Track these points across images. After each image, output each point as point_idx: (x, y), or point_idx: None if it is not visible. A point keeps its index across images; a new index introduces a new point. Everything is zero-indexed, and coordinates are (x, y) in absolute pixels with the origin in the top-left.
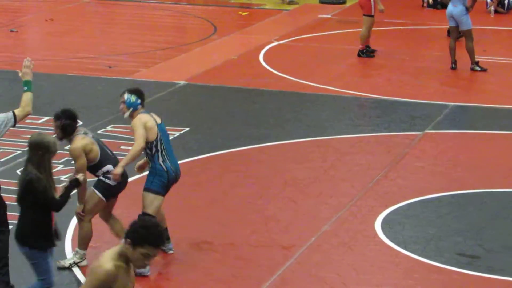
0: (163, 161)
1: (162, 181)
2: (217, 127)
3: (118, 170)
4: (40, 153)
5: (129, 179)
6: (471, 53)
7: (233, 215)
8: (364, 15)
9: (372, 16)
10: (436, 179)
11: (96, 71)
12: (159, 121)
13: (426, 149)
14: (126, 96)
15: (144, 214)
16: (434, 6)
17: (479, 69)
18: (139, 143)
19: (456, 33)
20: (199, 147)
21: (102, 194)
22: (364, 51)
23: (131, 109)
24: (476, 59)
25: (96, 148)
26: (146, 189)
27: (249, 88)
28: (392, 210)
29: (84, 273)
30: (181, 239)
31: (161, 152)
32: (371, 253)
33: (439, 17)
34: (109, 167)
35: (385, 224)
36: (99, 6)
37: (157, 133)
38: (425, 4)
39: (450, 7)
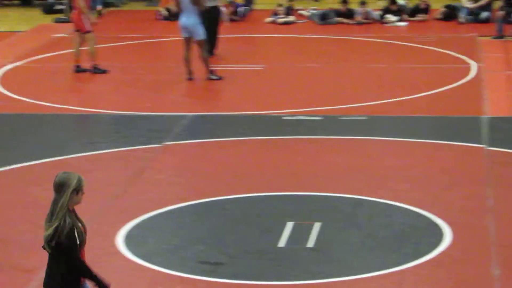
0: None
1: None
2: None
3: None
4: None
5: None
6: (206, 62)
7: None
8: (82, 33)
9: (88, 32)
10: (177, 190)
11: None
12: None
13: (166, 161)
14: None
15: None
16: (168, 18)
17: (215, 77)
18: None
19: (190, 44)
20: None
21: None
22: (96, 66)
23: None
24: (211, 68)
25: None
26: None
27: None
28: (135, 225)
29: None
30: None
31: None
32: (115, 269)
33: (174, 29)
34: None
35: (127, 239)
36: None
37: None
38: (158, 17)
39: (183, 18)
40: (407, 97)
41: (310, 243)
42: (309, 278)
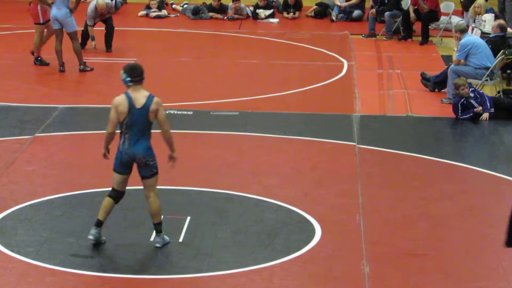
0: (122, 142)
1: (117, 160)
2: None
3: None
4: None
5: None
6: (78, 54)
7: None
8: (34, 23)
9: (42, 24)
10: (47, 182)
11: None
12: (140, 104)
13: (36, 153)
14: (121, 72)
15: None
16: None
17: (88, 69)
18: (107, 129)
19: (61, 36)
20: None
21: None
22: (39, 58)
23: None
24: (84, 60)
25: None
26: None
27: None
28: (4, 216)
29: None
30: None
31: (123, 134)
32: None
33: None
34: None
35: None
36: None
37: (125, 117)
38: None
39: (54, 10)
40: (278, 94)
41: (181, 238)
42: (180, 273)
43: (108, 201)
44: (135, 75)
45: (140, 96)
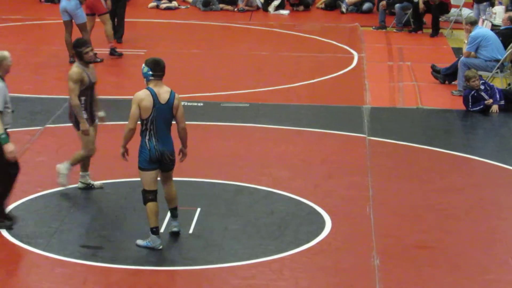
0: (148, 139)
1: (145, 158)
2: None
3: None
4: None
5: None
6: None
7: None
8: (99, 14)
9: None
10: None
11: None
12: (164, 100)
13: (47, 144)
14: (142, 66)
15: (144, 191)
16: (51, 0)
17: (99, 60)
18: (128, 125)
19: (71, 27)
20: None
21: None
22: (115, 49)
23: (145, 80)
24: (95, 51)
25: None
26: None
27: None
28: (14, 207)
29: None
30: None
31: (148, 131)
32: None
33: (57, 11)
34: None
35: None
36: None
37: (151, 113)
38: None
39: (63, 1)
40: (289, 85)
41: (191, 229)
42: (189, 264)
43: (153, 205)
44: (157, 69)
45: (163, 91)
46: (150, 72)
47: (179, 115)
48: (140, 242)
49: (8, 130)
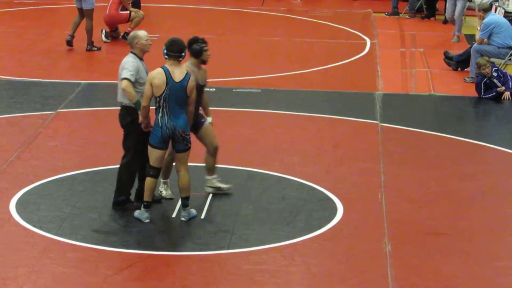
0: (161, 116)
1: (156, 135)
2: None
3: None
4: None
5: None
6: (88, 33)
7: None
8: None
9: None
10: (70, 157)
11: None
12: (178, 79)
13: (59, 128)
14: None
15: (148, 165)
16: None
17: (95, 48)
18: (141, 102)
19: (83, 14)
20: None
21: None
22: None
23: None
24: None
25: None
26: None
27: None
28: (27, 191)
29: None
30: None
31: (161, 108)
32: (7, 235)
33: None
34: None
35: (19, 205)
36: None
37: (164, 91)
38: None
39: None
40: (301, 71)
41: (203, 214)
42: (201, 250)
43: (151, 181)
44: (172, 50)
45: (177, 71)
46: (165, 51)
47: (192, 99)
48: (135, 213)
49: (19, 114)
